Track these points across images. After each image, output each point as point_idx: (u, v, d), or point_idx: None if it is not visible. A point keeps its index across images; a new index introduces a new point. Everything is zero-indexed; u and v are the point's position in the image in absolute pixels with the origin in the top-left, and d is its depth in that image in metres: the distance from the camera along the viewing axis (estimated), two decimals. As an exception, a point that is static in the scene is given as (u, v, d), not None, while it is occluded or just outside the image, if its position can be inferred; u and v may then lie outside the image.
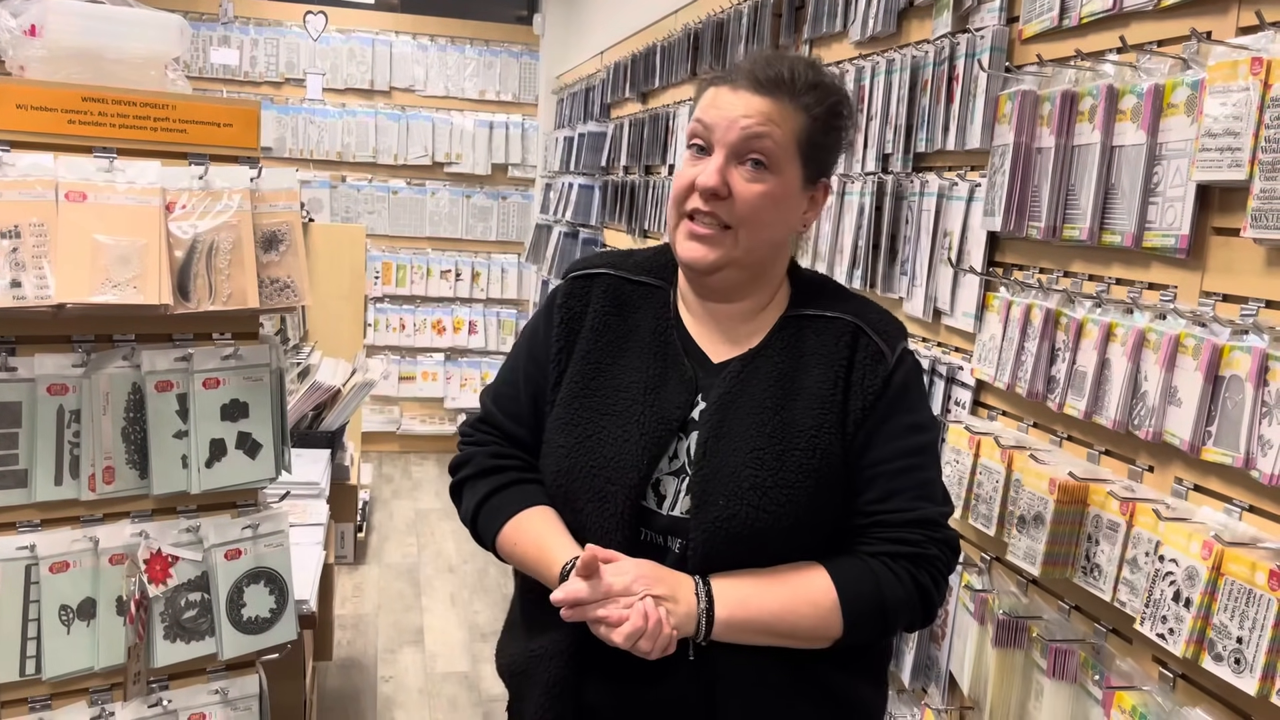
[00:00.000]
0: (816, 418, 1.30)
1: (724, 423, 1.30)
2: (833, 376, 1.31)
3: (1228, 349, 1.29)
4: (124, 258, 1.51)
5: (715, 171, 1.28)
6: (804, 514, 1.27)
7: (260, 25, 6.38)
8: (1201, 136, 1.32)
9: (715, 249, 1.30)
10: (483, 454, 1.44)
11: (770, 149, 1.28)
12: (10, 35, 1.57)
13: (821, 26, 2.58)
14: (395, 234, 6.65)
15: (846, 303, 1.38)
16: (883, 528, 1.30)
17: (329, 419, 3.40)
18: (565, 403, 1.36)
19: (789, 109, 1.30)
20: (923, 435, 1.34)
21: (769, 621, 1.25)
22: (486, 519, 1.39)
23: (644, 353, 1.36)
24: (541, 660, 1.34)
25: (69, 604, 1.62)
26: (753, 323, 1.38)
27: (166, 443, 1.66)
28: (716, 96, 1.31)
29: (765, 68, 1.31)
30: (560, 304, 1.42)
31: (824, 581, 1.27)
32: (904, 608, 1.28)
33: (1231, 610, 1.22)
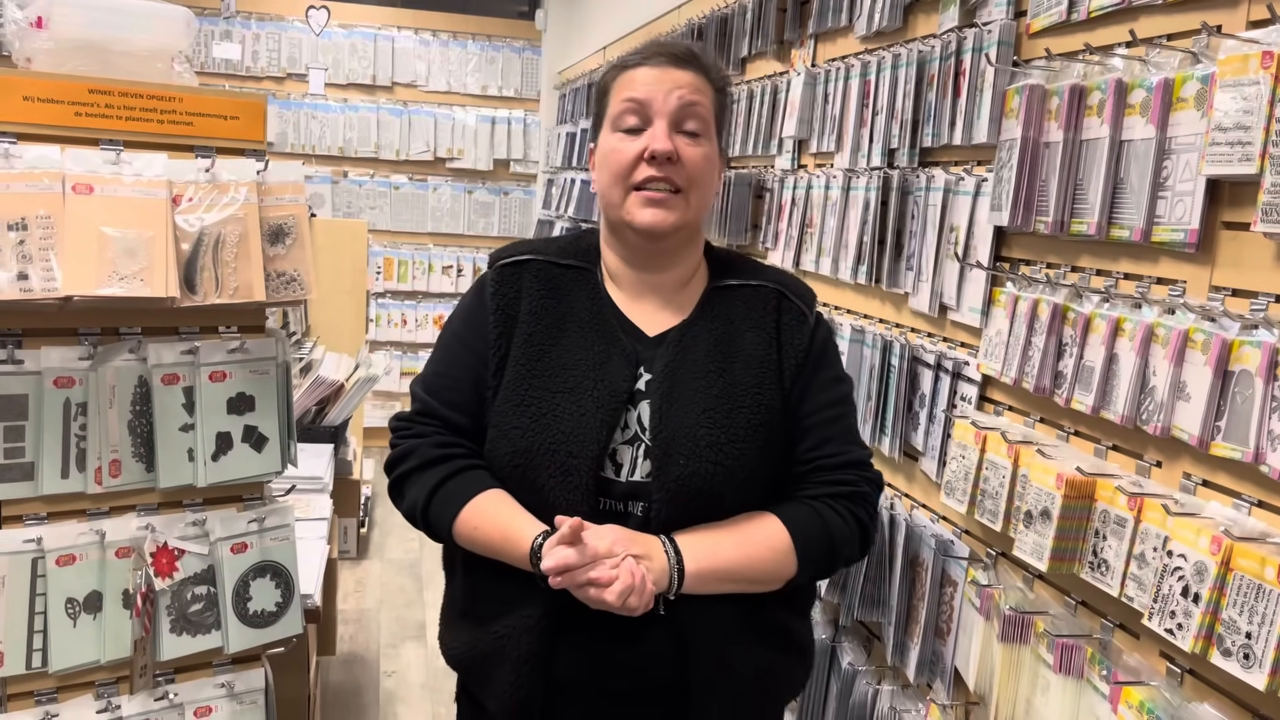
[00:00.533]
0: (757, 376, 1.41)
1: (674, 389, 1.38)
2: (766, 338, 1.43)
3: (1237, 344, 1.28)
4: (131, 250, 1.51)
5: (665, 136, 1.37)
6: (755, 466, 1.39)
7: (262, 20, 6.37)
8: (1211, 130, 1.31)
9: (673, 211, 1.39)
10: (425, 445, 1.44)
11: (703, 115, 1.40)
12: (17, 27, 1.57)
13: (827, 21, 2.57)
14: (397, 229, 6.65)
15: (764, 272, 1.51)
16: (821, 472, 1.43)
17: (332, 414, 3.40)
18: (513, 385, 1.40)
19: (704, 80, 1.42)
20: (844, 386, 1.49)
21: (733, 569, 1.34)
22: (440, 507, 1.40)
23: (583, 331, 1.42)
24: (510, 639, 1.37)
25: (75, 597, 1.62)
26: (681, 295, 1.47)
27: (173, 436, 1.66)
28: (638, 76, 1.40)
29: (676, 46, 1.43)
30: (493, 292, 1.45)
31: (778, 527, 1.38)
32: (847, 542, 1.42)
33: (1241, 605, 1.22)
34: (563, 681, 1.38)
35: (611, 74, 1.45)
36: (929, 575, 1.95)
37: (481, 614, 1.43)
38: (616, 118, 1.40)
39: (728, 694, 1.39)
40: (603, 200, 1.45)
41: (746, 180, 3.04)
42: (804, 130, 2.69)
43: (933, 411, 2.01)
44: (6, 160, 1.48)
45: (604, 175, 1.43)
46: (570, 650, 1.37)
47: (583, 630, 1.34)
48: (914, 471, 2.12)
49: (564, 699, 1.39)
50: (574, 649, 1.37)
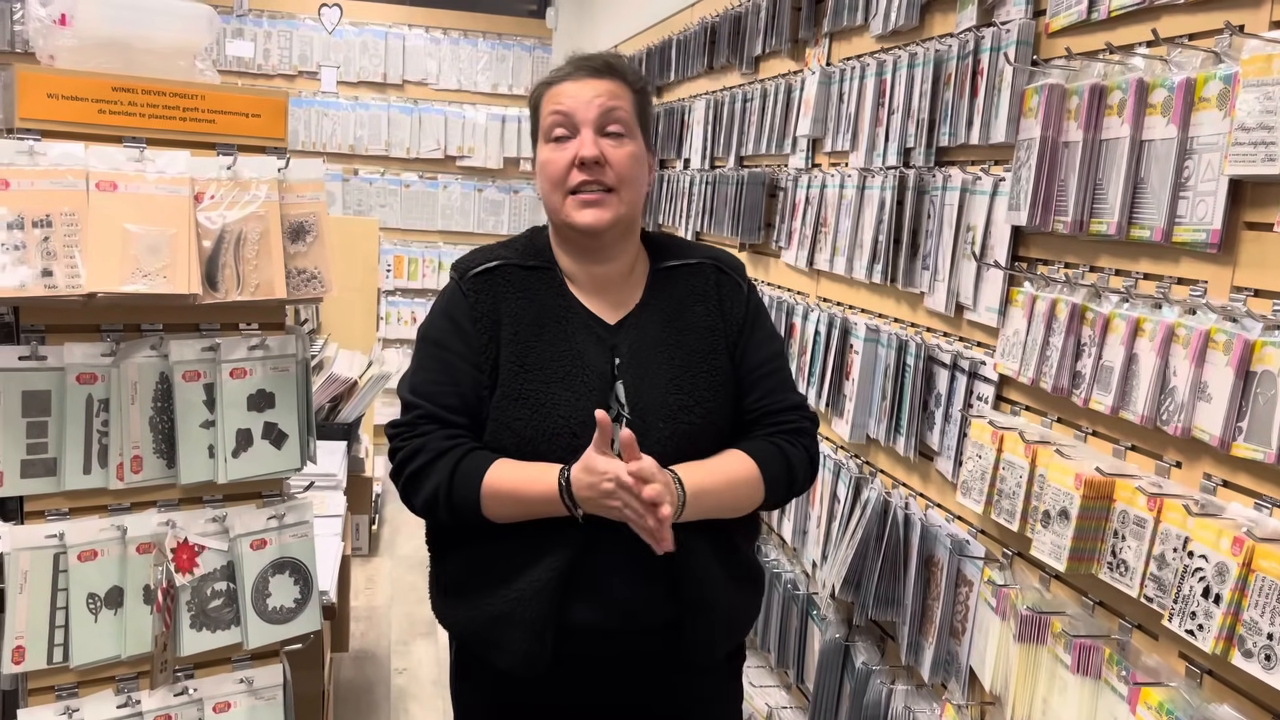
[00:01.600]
0: (709, 343, 1.60)
1: (641, 365, 1.55)
2: (711, 309, 1.62)
3: (1260, 344, 1.28)
4: (154, 247, 1.52)
5: (591, 142, 1.52)
6: (719, 420, 1.59)
7: (274, 18, 6.39)
8: (1234, 130, 1.31)
9: (607, 209, 1.54)
10: (433, 440, 1.53)
11: (624, 118, 1.55)
12: (40, 25, 1.58)
13: (842, 20, 2.57)
14: (407, 227, 6.66)
15: (697, 249, 1.70)
16: (769, 416, 1.63)
17: (345, 411, 3.41)
18: (508, 381, 1.53)
19: (622, 86, 1.57)
20: (778, 342, 1.71)
21: (721, 496, 1.53)
22: (463, 483, 1.49)
23: (559, 326, 1.56)
24: (521, 602, 1.50)
25: (97, 592, 1.63)
26: (629, 282, 1.63)
27: (193, 432, 1.67)
28: (562, 90, 1.55)
29: (592, 59, 1.58)
30: (474, 301, 1.57)
31: (747, 460, 1.57)
32: (801, 467, 1.62)
33: (1262, 606, 1.21)
34: (570, 629, 1.52)
35: (539, 90, 1.60)
36: (944, 575, 1.95)
37: (482, 585, 1.54)
38: (547, 130, 1.55)
39: (712, 623, 1.57)
40: (545, 206, 1.58)
41: (760, 179, 3.04)
42: (818, 129, 2.69)
43: (948, 411, 2.01)
44: (31, 157, 1.49)
45: (543, 184, 1.57)
46: (577, 602, 1.51)
47: (586, 582, 1.50)
48: (929, 471, 2.12)
49: (571, 644, 1.52)
50: (580, 600, 1.51)
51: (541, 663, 1.51)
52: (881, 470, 2.34)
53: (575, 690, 1.58)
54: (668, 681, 1.61)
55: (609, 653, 1.55)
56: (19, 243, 1.46)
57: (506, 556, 1.52)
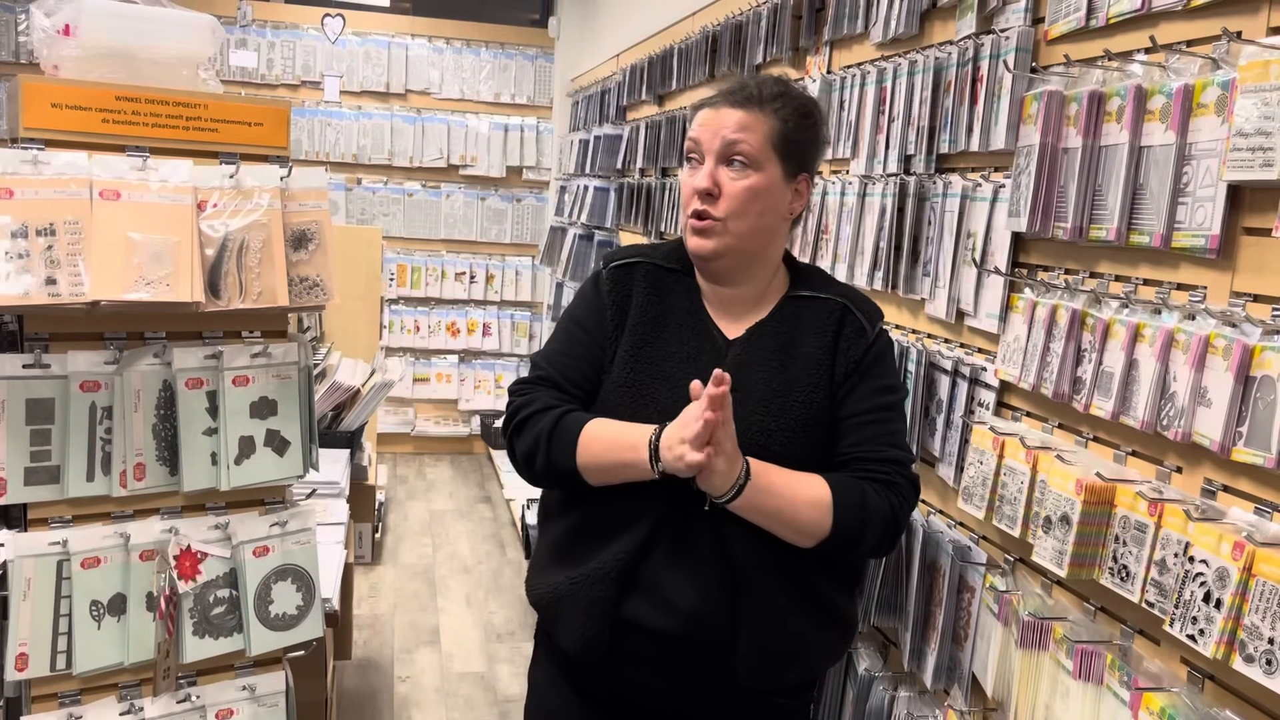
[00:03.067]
0: (811, 376, 1.61)
1: (739, 379, 1.54)
2: (825, 344, 1.63)
3: (1259, 349, 1.28)
4: (157, 255, 1.53)
5: (706, 175, 1.58)
6: (802, 455, 1.57)
7: (277, 28, 6.42)
8: (1233, 136, 1.31)
9: (711, 239, 1.59)
10: (544, 394, 1.63)
11: (748, 150, 1.58)
12: (45, 35, 1.59)
13: (842, 28, 2.58)
14: (410, 236, 6.67)
15: (837, 287, 1.72)
16: (857, 462, 1.60)
17: (348, 419, 3.41)
18: (620, 367, 1.62)
19: (760, 116, 1.59)
20: (892, 396, 1.66)
21: (782, 496, 1.51)
22: (563, 434, 1.57)
23: (681, 329, 1.64)
24: (583, 583, 1.56)
25: (100, 599, 1.63)
26: (760, 303, 1.67)
27: (196, 440, 1.67)
28: (701, 116, 1.62)
29: (738, 89, 1.62)
30: (610, 289, 1.67)
31: (823, 485, 1.55)
32: (879, 519, 1.56)
33: (1263, 611, 1.21)
34: (628, 623, 1.55)
35: (690, 113, 1.67)
36: (946, 581, 1.95)
37: (563, 561, 1.61)
38: (686, 151, 1.64)
39: (766, 649, 1.56)
40: None
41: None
42: (820, 137, 2.69)
43: (950, 417, 2.01)
44: (35, 166, 1.50)
45: (681, 202, 1.64)
46: (637, 596, 1.55)
47: (650, 578, 1.54)
48: (931, 477, 2.12)
49: (628, 639, 1.56)
50: (641, 595, 1.55)
51: (597, 650, 1.56)
52: (883, 477, 2.34)
53: (630, 687, 1.62)
54: (722, 700, 1.61)
55: (663, 656, 1.57)
56: (23, 251, 1.47)
57: (582, 538, 1.59)
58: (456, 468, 6.57)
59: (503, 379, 6.83)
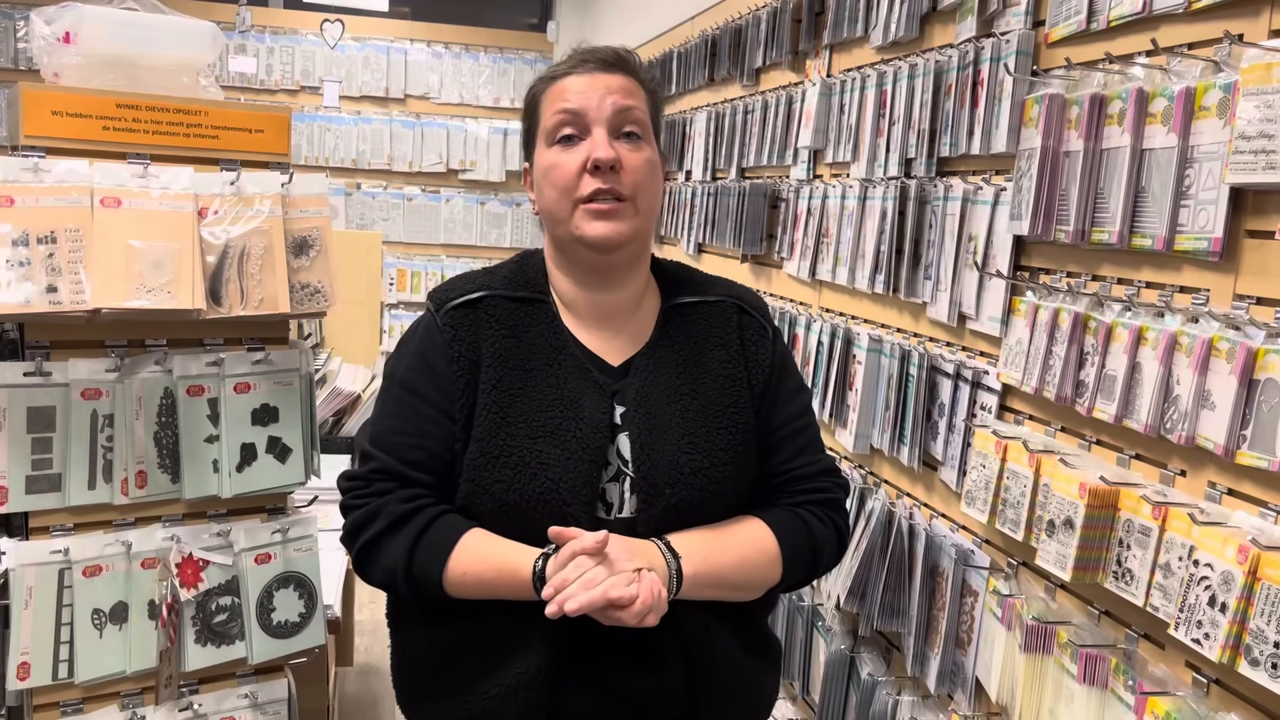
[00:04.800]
0: (729, 395, 1.39)
1: (650, 416, 1.34)
2: (733, 355, 1.41)
3: (1262, 352, 1.28)
4: (158, 263, 1.52)
5: (607, 144, 1.31)
6: (737, 485, 1.38)
7: (276, 34, 6.42)
8: (1235, 139, 1.31)
9: (622, 222, 1.32)
10: (391, 502, 1.32)
11: (640, 119, 1.36)
12: (45, 42, 1.59)
13: (842, 32, 2.58)
14: (410, 241, 6.68)
15: (716, 285, 1.48)
16: (798, 481, 1.43)
17: (349, 425, 3.41)
18: (487, 436, 1.30)
19: (636, 84, 1.38)
20: (806, 394, 1.50)
21: (727, 574, 1.33)
22: (424, 562, 1.29)
23: (550, 369, 1.34)
24: (505, 699, 1.28)
25: (101, 608, 1.63)
26: (637, 317, 1.41)
27: (198, 447, 1.67)
28: (568, 85, 1.35)
29: (602, 52, 1.38)
30: (451, 339, 1.35)
31: (766, 532, 1.37)
32: (828, 546, 1.42)
33: (1269, 615, 1.21)
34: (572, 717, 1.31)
35: (539, 86, 1.40)
36: (949, 585, 1.95)
37: (457, 676, 1.33)
38: (551, 130, 1.35)
39: (729, 714, 1.39)
40: (549, 219, 1.37)
41: (761, 190, 3.04)
42: (820, 140, 2.70)
43: (952, 421, 2.01)
44: (36, 174, 1.50)
45: (547, 192, 1.35)
46: (574, 695, 1.30)
47: (585, 670, 1.29)
48: (933, 481, 2.12)
49: None
50: (578, 692, 1.30)
51: None
52: (886, 481, 2.34)
53: None
54: None
55: None
56: (24, 259, 1.47)
57: (487, 639, 1.30)
58: (457, 472, 6.55)
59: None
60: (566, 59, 1.40)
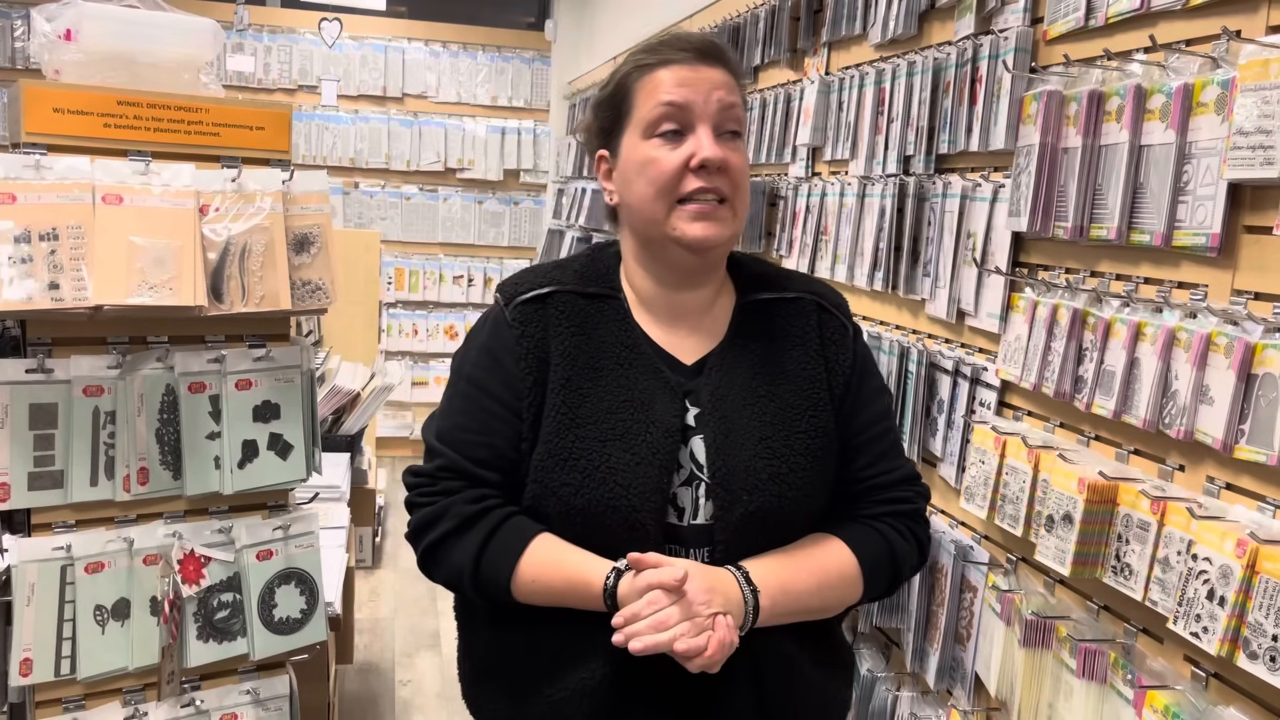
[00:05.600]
0: (808, 397, 1.34)
1: (725, 419, 1.29)
2: (812, 355, 1.36)
3: (1261, 347, 1.29)
4: (159, 260, 1.53)
5: (713, 144, 1.26)
6: (816, 491, 1.33)
7: (274, 33, 6.42)
8: (1233, 135, 1.32)
9: (722, 224, 1.29)
10: (458, 502, 1.31)
11: (741, 117, 1.32)
12: (46, 40, 1.59)
13: (840, 29, 2.58)
14: (408, 240, 6.68)
15: (794, 280, 1.43)
16: (878, 490, 1.39)
17: (348, 423, 3.42)
18: (555, 437, 1.28)
19: (733, 79, 1.33)
20: (887, 396, 1.47)
21: (806, 601, 1.30)
22: (493, 565, 1.28)
23: (620, 369, 1.31)
24: (567, 704, 1.26)
25: (104, 604, 1.63)
26: (710, 314, 1.37)
27: (199, 444, 1.68)
28: (671, 76, 1.29)
29: (704, 42, 1.32)
30: (520, 335, 1.32)
31: (845, 553, 1.33)
32: (908, 561, 1.40)
33: (1267, 608, 1.22)
34: None
35: (633, 75, 1.33)
36: (948, 581, 1.95)
37: (522, 678, 1.31)
38: (651, 123, 1.29)
39: None
40: (639, 216, 1.32)
41: (760, 188, 3.05)
42: (818, 138, 2.70)
43: (951, 417, 2.02)
44: (38, 171, 1.51)
45: (640, 187, 1.30)
46: (638, 703, 1.27)
47: (650, 681, 1.24)
48: (932, 477, 2.12)
49: None
50: (642, 702, 1.27)
51: None
52: (885, 477, 2.34)
53: None
54: None
55: None
56: (26, 256, 1.47)
57: (553, 644, 1.28)
58: (456, 471, 6.56)
59: (501, 382, 6.83)
60: (656, 46, 1.34)
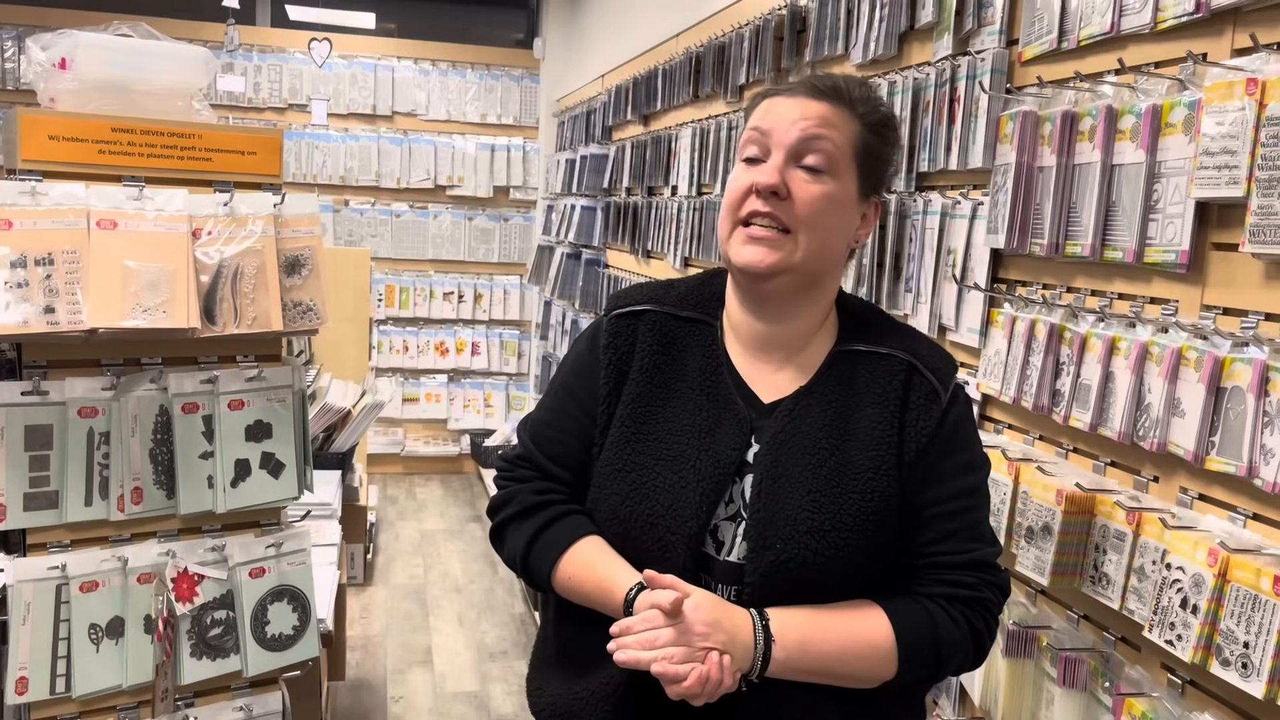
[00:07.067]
0: (873, 459, 1.28)
1: (779, 464, 1.27)
2: (888, 416, 1.30)
3: (1229, 361, 1.32)
4: (153, 283, 1.55)
5: (774, 169, 1.27)
6: (861, 557, 1.26)
7: (264, 52, 6.45)
8: (1200, 155, 1.36)
9: (774, 252, 1.28)
10: (525, 491, 1.39)
11: (829, 150, 1.29)
12: (41, 68, 1.62)
13: (823, 49, 2.62)
14: (398, 257, 6.71)
15: (898, 336, 1.36)
16: (939, 569, 1.29)
17: (339, 440, 3.43)
18: (616, 447, 1.33)
19: (844, 114, 1.31)
20: (975, 474, 1.34)
21: (826, 664, 1.24)
22: (539, 556, 1.34)
23: (694, 394, 1.33)
24: (588, 703, 1.30)
25: (98, 623, 1.65)
26: (802, 355, 1.36)
27: (193, 463, 1.70)
28: (772, 105, 1.32)
29: (821, 78, 1.33)
30: (606, 344, 1.38)
31: (882, 624, 1.25)
32: (958, 651, 1.28)
33: (1238, 616, 1.25)
34: None
35: (754, 101, 1.37)
36: (933, 592, 1.98)
37: (568, 666, 1.36)
38: (742, 146, 1.33)
39: None
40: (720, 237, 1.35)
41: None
42: (803, 156, 2.73)
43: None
44: (33, 197, 1.53)
45: (722, 208, 1.33)
46: (651, 716, 1.27)
47: (662, 703, 1.22)
48: (917, 490, 2.15)
49: None
50: (652, 716, 1.26)
51: None
52: (870, 490, 2.37)
53: None
54: None
55: None
56: (22, 280, 1.49)
57: (592, 642, 1.28)
58: (447, 487, 6.57)
59: (492, 398, 6.85)
60: (787, 78, 1.39)
